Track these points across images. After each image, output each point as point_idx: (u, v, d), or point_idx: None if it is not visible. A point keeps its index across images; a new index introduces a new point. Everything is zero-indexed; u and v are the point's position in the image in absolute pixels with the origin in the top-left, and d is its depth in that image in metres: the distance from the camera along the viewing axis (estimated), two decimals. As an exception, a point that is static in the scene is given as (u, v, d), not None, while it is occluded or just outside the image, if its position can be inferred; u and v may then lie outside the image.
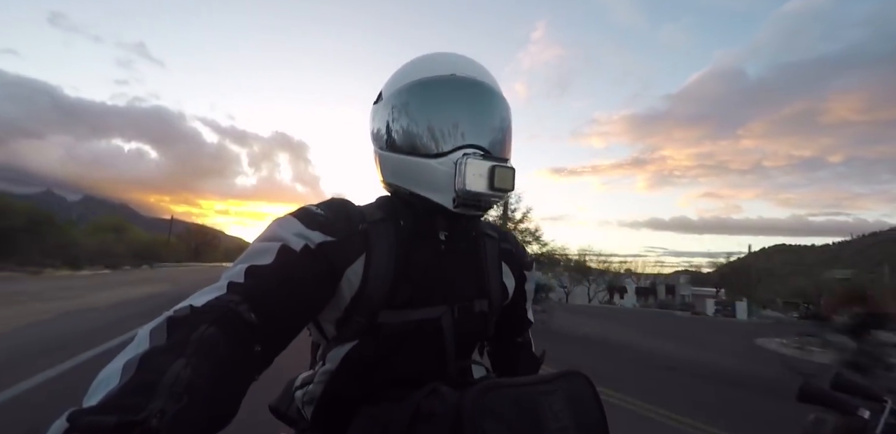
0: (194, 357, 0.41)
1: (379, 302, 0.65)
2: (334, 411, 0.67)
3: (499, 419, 0.51)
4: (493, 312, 0.76)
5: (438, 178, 0.66)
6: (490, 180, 0.63)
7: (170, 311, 0.48)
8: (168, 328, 0.45)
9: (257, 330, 0.50)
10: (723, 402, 5.13)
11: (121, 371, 0.39)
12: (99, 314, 7.32)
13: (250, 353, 0.49)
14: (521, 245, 0.88)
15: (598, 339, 10.69)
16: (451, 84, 0.70)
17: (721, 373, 7.06)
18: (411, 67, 0.75)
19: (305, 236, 0.61)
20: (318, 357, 0.72)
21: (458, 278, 0.73)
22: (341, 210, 0.68)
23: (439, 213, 0.70)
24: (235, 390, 0.46)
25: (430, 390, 0.55)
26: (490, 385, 0.54)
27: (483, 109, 0.70)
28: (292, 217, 0.64)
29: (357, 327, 0.66)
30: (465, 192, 0.63)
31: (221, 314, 0.48)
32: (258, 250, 0.59)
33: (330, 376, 0.67)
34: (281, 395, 0.76)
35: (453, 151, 0.66)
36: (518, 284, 0.84)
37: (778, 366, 6.85)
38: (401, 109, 0.71)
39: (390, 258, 0.67)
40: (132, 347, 0.43)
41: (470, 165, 0.63)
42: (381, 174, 0.76)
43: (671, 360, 7.99)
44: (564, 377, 0.60)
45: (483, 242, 0.79)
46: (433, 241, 0.72)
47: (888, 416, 0.58)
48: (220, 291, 0.52)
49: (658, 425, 3.92)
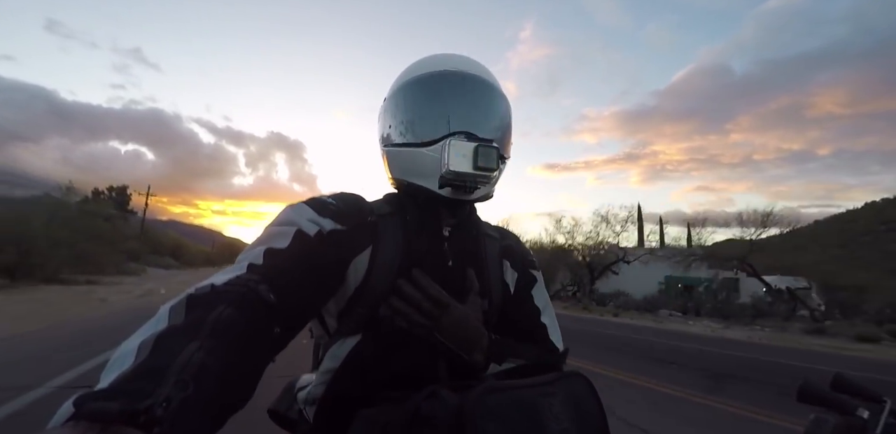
0: (209, 339, 0.41)
1: (382, 294, 0.65)
2: (336, 412, 0.67)
3: (499, 421, 0.50)
4: (494, 311, 0.76)
5: (428, 164, 0.67)
6: (474, 160, 0.64)
7: (191, 288, 0.48)
8: (187, 307, 0.45)
9: (276, 311, 0.50)
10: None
11: (136, 351, 0.39)
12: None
13: (268, 335, 0.49)
14: (524, 244, 0.87)
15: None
16: (440, 77, 0.72)
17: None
18: (410, 68, 0.77)
19: (318, 222, 0.63)
20: (319, 356, 0.72)
21: (459, 275, 0.72)
22: (352, 201, 0.70)
23: (440, 205, 0.71)
24: (251, 373, 0.46)
25: (430, 392, 0.55)
26: (490, 387, 0.53)
27: (471, 97, 0.71)
28: (304, 204, 0.66)
29: (359, 319, 0.66)
30: (449, 171, 0.64)
31: (241, 294, 0.48)
32: (274, 234, 0.60)
33: (332, 375, 0.67)
34: (280, 396, 0.76)
35: (443, 138, 0.67)
36: (521, 280, 0.81)
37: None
38: (397, 106, 0.73)
39: (396, 251, 0.68)
40: (151, 324, 0.43)
41: (454, 146, 0.64)
42: (387, 171, 0.77)
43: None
44: (564, 379, 0.60)
45: (484, 242, 0.79)
46: (438, 237, 0.73)
47: (887, 417, 0.58)
48: (241, 271, 0.52)
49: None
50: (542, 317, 0.79)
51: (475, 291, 0.71)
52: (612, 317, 16.77)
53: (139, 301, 10.67)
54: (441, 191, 0.68)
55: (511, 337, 0.76)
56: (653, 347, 8.54)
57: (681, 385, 5.04)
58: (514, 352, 0.71)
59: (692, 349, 8.61)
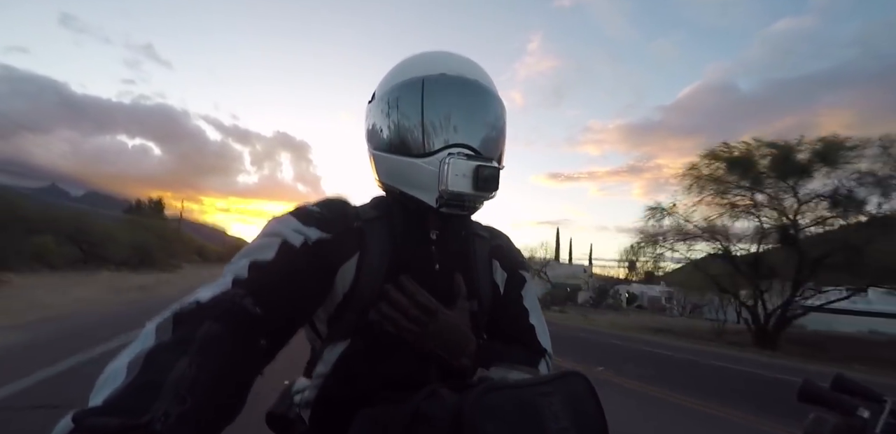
0: (199, 354, 0.41)
1: (370, 299, 0.65)
2: (331, 414, 0.67)
3: (499, 421, 0.50)
4: (483, 312, 0.75)
5: (424, 178, 0.65)
6: (474, 181, 0.62)
7: (176, 305, 0.48)
8: (173, 324, 0.45)
9: (262, 324, 0.50)
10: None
11: (126, 369, 0.39)
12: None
13: (255, 348, 0.49)
14: (514, 244, 0.86)
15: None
16: (440, 82, 0.68)
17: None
18: (403, 66, 0.73)
19: (303, 232, 0.62)
20: (313, 360, 0.72)
21: (447, 280, 0.71)
22: (337, 208, 0.69)
23: (431, 213, 0.69)
24: (241, 386, 0.46)
25: (429, 392, 0.55)
26: (490, 386, 0.53)
27: (472, 108, 0.69)
28: (289, 215, 0.65)
29: (348, 324, 0.66)
30: (448, 192, 0.63)
31: (226, 309, 0.48)
32: (259, 246, 0.60)
33: (323, 379, 0.67)
34: (278, 400, 0.76)
35: (441, 150, 0.65)
36: (510, 280, 0.80)
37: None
38: (390, 109, 0.70)
39: (383, 256, 0.67)
40: (138, 343, 0.43)
41: (453, 165, 0.62)
42: (375, 174, 0.76)
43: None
44: (564, 378, 0.59)
45: (473, 242, 0.78)
46: (424, 241, 0.72)
47: (887, 417, 0.58)
48: (225, 286, 0.52)
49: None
50: (530, 318, 0.79)
51: (463, 296, 0.70)
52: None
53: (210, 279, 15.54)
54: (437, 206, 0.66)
55: (499, 338, 0.76)
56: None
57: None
58: (502, 355, 0.70)
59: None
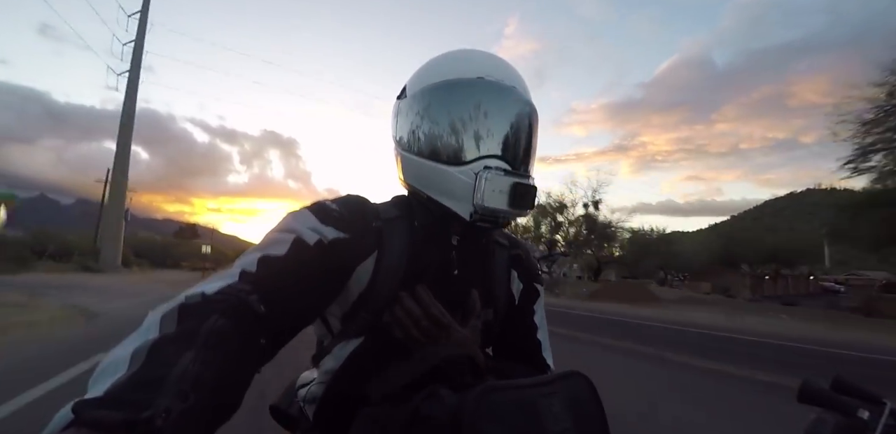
0: (203, 350, 0.40)
1: (386, 301, 0.64)
2: (336, 411, 0.66)
3: (499, 421, 0.50)
4: (497, 322, 0.75)
5: (457, 188, 0.64)
6: (511, 198, 0.61)
7: (181, 296, 0.47)
8: (179, 316, 0.44)
9: (264, 322, 0.49)
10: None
11: (129, 359, 0.38)
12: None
13: (255, 346, 0.48)
14: (533, 255, 0.85)
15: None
16: (478, 88, 0.66)
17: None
18: (438, 65, 0.71)
19: (319, 231, 0.60)
20: (321, 355, 0.72)
21: (464, 287, 0.71)
22: (356, 207, 0.68)
23: (455, 220, 0.68)
24: (240, 383, 0.45)
25: (429, 392, 0.54)
26: (490, 387, 0.53)
27: (510, 118, 0.66)
28: (307, 211, 0.63)
29: (362, 323, 0.65)
30: (483, 207, 0.62)
31: (232, 305, 0.47)
32: (272, 241, 0.58)
33: (332, 375, 0.66)
34: (283, 393, 0.76)
35: (476, 161, 0.64)
36: (524, 292, 0.80)
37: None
38: (424, 111, 0.68)
39: (401, 257, 0.66)
40: (141, 333, 0.43)
41: (490, 181, 0.61)
42: (401, 173, 0.74)
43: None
44: (565, 378, 0.59)
45: (493, 250, 0.77)
46: (445, 245, 0.71)
47: (887, 418, 0.58)
48: (233, 279, 0.51)
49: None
50: (538, 333, 0.79)
51: (476, 314, 0.69)
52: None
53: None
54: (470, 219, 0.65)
55: (505, 351, 0.76)
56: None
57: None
58: (507, 373, 0.70)
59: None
